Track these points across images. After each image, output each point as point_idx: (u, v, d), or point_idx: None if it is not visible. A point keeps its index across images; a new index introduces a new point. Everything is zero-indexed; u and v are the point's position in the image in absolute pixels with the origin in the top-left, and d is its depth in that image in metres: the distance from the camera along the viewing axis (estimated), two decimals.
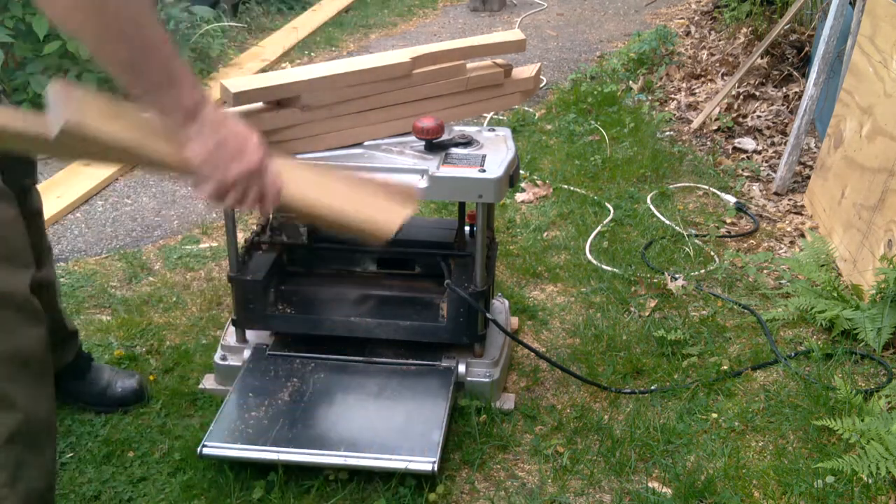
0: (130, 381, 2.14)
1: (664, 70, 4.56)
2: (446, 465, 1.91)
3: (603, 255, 2.82)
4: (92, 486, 1.87)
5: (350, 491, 1.83)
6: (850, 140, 2.86)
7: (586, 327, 2.42)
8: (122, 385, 2.12)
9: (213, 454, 1.83)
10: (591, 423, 2.05)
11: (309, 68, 1.95)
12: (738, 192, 3.27)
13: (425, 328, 2.07)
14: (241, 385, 2.02)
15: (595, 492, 1.86)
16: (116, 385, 2.12)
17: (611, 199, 3.20)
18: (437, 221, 2.35)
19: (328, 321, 2.09)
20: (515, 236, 2.97)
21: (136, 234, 3.05)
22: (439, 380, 2.03)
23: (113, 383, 2.12)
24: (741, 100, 4.03)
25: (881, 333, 2.28)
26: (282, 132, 1.92)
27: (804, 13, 4.21)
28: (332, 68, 1.93)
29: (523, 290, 2.64)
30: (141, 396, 2.13)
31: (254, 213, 3.01)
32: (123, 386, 2.12)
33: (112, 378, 2.13)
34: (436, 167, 1.90)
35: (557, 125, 3.92)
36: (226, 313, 2.52)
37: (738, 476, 1.88)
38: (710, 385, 2.17)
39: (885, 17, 2.75)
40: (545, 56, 5.15)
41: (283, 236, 2.13)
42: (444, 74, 2.00)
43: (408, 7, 6.47)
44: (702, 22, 5.37)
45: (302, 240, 2.12)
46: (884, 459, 1.78)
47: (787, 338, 2.40)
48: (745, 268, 2.73)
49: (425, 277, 2.20)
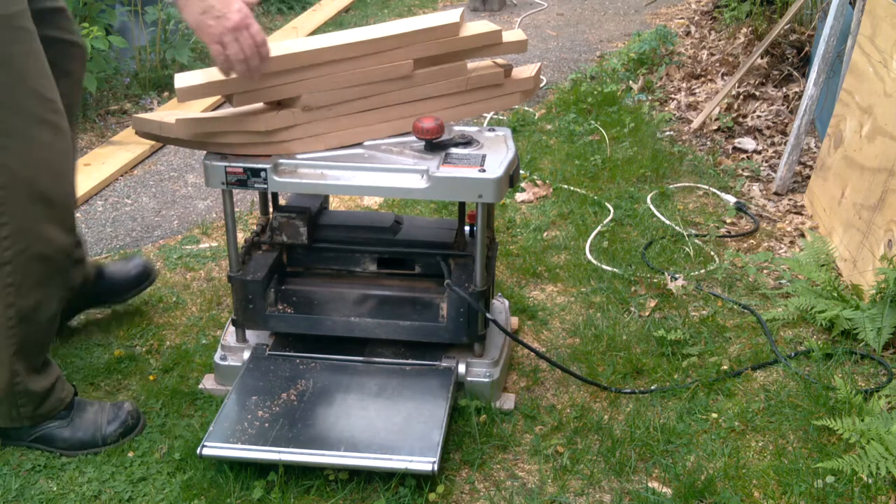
0: (134, 262, 2.35)
1: (664, 70, 4.56)
2: (446, 465, 1.91)
3: (603, 255, 2.82)
4: (92, 485, 1.87)
5: (350, 491, 1.84)
6: (850, 140, 2.86)
7: (586, 327, 2.43)
8: (127, 268, 2.35)
9: (213, 454, 1.83)
10: (591, 423, 2.05)
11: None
12: (738, 192, 3.27)
13: (425, 328, 2.08)
14: (241, 385, 2.02)
15: (595, 492, 1.86)
16: (127, 271, 2.36)
17: (611, 199, 3.20)
18: (437, 221, 2.35)
19: (328, 321, 2.09)
20: (515, 236, 2.97)
21: (136, 234, 3.05)
22: (439, 380, 2.03)
23: (120, 271, 2.37)
24: (741, 100, 4.03)
25: (881, 333, 2.28)
26: (282, 132, 1.92)
27: (804, 13, 4.21)
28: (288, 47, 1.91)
29: (523, 290, 2.64)
30: (149, 272, 2.31)
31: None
32: (128, 269, 2.35)
33: (118, 268, 2.36)
34: (436, 167, 1.90)
35: (557, 125, 3.92)
36: (226, 313, 2.52)
37: (738, 476, 1.88)
38: (710, 385, 2.17)
39: (885, 17, 2.75)
40: (545, 56, 5.15)
41: (283, 236, 2.13)
42: (445, 74, 2.01)
43: (408, 7, 6.47)
44: (702, 22, 5.37)
45: (302, 240, 2.12)
46: (884, 459, 1.78)
47: (787, 338, 2.40)
48: (745, 268, 2.74)
49: (425, 277, 2.20)
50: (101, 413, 1.99)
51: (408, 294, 2.19)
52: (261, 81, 1.85)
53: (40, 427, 1.95)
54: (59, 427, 1.95)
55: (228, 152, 1.94)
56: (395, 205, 3.20)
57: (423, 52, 1.96)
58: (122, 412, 2.00)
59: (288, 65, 1.86)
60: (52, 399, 1.94)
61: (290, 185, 1.93)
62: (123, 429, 1.99)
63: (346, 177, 1.92)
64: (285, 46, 1.90)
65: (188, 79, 1.86)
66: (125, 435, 1.99)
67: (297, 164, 1.94)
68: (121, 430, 1.98)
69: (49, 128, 1.75)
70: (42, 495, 1.85)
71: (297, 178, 1.93)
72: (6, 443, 1.98)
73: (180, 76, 1.87)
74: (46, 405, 1.93)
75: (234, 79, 1.84)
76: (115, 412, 2.00)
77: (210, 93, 1.87)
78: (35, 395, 1.90)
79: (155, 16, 4.37)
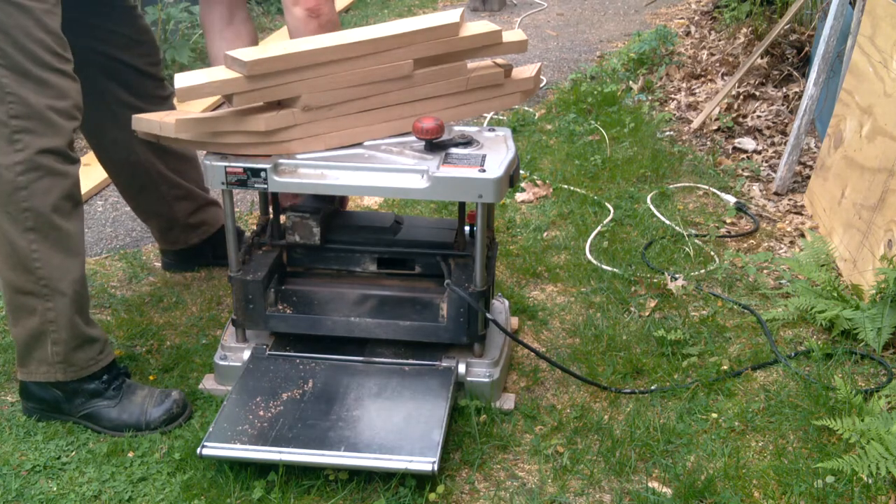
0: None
1: (664, 70, 4.56)
2: (446, 465, 1.91)
3: (603, 255, 2.82)
4: (92, 485, 1.87)
5: (350, 491, 1.84)
6: (850, 140, 2.86)
7: (586, 327, 2.43)
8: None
9: (213, 454, 1.83)
10: (591, 423, 2.05)
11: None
12: (738, 192, 3.27)
13: (425, 328, 2.08)
14: (241, 385, 2.02)
15: (595, 492, 1.86)
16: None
17: (611, 199, 3.20)
18: (437, 221, 2.35)
19: (328, 321, 2.10)
20: (515, 236, 2.97)
21: (136, 234, 3.05)
22: (439, 380, 2.03)
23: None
24: (741, 100, 4.03)
25: (881, 333, 2.28)
26: (282, 132, 1.92)
27: (804, 13, 4.21)
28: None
29: (523, 290, 2.64)
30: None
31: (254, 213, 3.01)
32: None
33: None
34: (436, 167, 1.90)
35: (557, 125, 3.92)
36: (226, 313, 2.52)
37: (738, 476, 1.88)
38: (710, 385, 2.17)
39: (885, 17, 2.75)
40: (545, 56, 5.15)
41: (296, 236, 2.12)
42: (445, 74, 2.01)
43: (408, 7, 6.47)
44: (702, 22, 5.37)
45: (315, 240, 2.12)
46: (884, 459, 1.78)
47: (787, 338, 2.40)
48: (745, 268, 2.74)
49: (425, 277, 2.20)
50: (150, 398, 2.05)
51: (408, 294, 2.19)
52: (261, 81, 1.85)
53: (90, 404, 2.02)
54: (107, 407, 2.02)
55: (228, 152, 1.94)
56: (395, 205, 3.20)
57: (424, 52, 1.96)
58: (169, 400, 2.05)
59: (288, 65, 1.86)
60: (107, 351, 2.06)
61: (290, 185, 1.93)
62: (168, 416, 2.03)
63: (346, 177, 1.92)
64: (285, 46, 1.90)
65: (188, 79, 1.86)
66: (169, 422, 2.04)
67: (297, 164, 1.94)
68: (165, 416, 2.03)
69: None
70: (42, 495, 1.85)
71: (297, 178, 1.93)
72: (55, 417, 2.05)
73: (180, 76, 1.88)
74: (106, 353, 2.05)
75: (235, 79, 1.84)
76: (162, 398, 2.05)
77: (210, 93, 1.87)
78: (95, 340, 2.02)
79: (155, 16, 4.36)
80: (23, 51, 1.80)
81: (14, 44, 1.79)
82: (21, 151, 1.82)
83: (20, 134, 1.82)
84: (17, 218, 1.86)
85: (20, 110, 1.81)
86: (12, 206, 1.85)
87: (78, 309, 1.96)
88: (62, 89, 1.86)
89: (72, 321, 1.95)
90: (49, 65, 1.83)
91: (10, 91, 1.81)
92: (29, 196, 1.84)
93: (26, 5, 1.79)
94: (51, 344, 1.96)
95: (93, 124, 2.29)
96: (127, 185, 2.53)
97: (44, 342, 1.96)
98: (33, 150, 1.83)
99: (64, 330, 1.95)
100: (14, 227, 1.87)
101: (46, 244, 1.89)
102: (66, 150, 1.89)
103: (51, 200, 1.87)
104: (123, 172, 2.49)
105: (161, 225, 2.64)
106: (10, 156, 1.82)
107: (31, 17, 1.80)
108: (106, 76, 2.29)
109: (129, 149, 2.39)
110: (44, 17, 1.82)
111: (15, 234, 1.87)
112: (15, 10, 1.78)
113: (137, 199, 2.56)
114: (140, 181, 2.50)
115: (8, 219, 1.87)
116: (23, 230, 1.87)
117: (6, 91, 1.80)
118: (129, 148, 2.38)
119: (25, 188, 1.84)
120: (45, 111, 1.83)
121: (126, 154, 2.42)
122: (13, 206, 1.85)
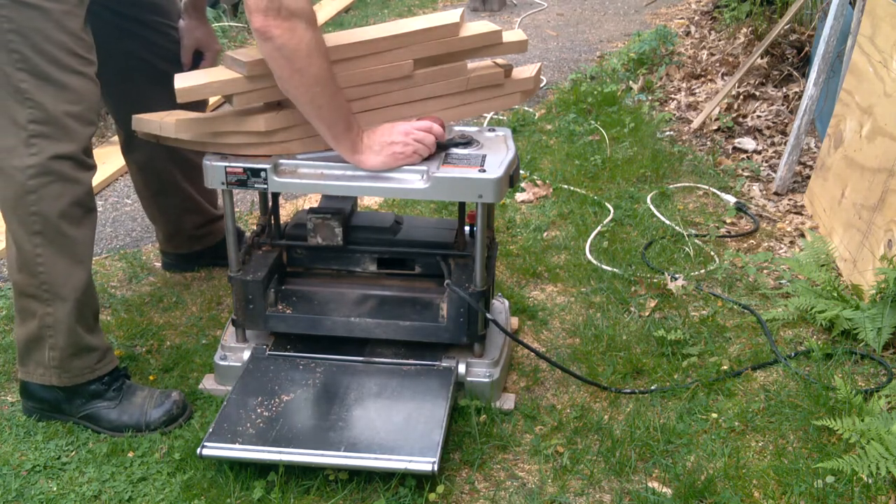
0: None
1: (664, 70, 4.56)
2: (446, 465, 1.91)
3: (603, 255, 2.82)
4: (92, 485, 1.87)
5: (350, 491, 1.84)
6: (850, 140, 2.86)
7: (586, 327, 2.43)
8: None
9: (213, 454, 1.83)
10: (591, 423, 2.05)
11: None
12: (738, 192, 3.27)
13: (425, 328, 2.07)
14: (241, 385, 2.02)
15: (595, 492, 1.86)
16: None
17: (611, 199, 3.20)
18: (437, 221, 2.35)
19: (328, 321, 2.09)
20: (515, 236, 2.97)
21: (136, 234, 3.05)
22: (439, 380, 2.03)
23: None
24: (741, 100, 4.03)
25: (881, 333, 2.28)
26: (282, 132, 1.92)
27: (804, 13, 4.21)
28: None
29: (523, 290, 2.64)
30: None
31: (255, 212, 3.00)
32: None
33: None
34: (436, 167, 1.90)
35: (557, 125, 3.92)
36: (226, 313, 2.52)
37: (738, 476, 1.88)
38: (710, 385, 2.17)
39: (885, 17, 2.75)
40: (545, 56, 5.15)
41: (318, 238, 2.12)
42: (445, 74, 2.01)
43: (408, 7, 6.47)
44: (702, 22, 5.37)
45: (337, 241, 2.11)
46: (884, 459, 1.78)
47: (787, 338, 2.40)
48: (745, 268, 2.74)
49: (425, 277, 2.20)
50: (150, 399, 2.05)
51: (408, 294, 2.19)
52: (261, 81, 1.85)
53: (90, 405, 2.02)
54: (107, 408, 2.03)
55: (228, 152, 1.94)
56: (395, 205, 3.20)
57: (424, 52, 1.96)
58: (169, 401, 2.04)
59: None
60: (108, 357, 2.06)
61: (290, 185, 1.93)
62: (168, 417, 2.03)
63: (346, 177, 1.92)
64: None
65: (188, 79, 1.87)
66: (169, 423, 2.04)
67: (297, 164, 1.94)
68: (165, 417, 2.03)
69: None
70: (42, 495, 1.85)
71: (297, 178, 1.93)
72: (55, 417, 2.05)
73: (180, 76, 1.88)
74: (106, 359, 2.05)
75: (235, 79, 1.84)
76: (161, 399, 2.05)
77: (210, 93, 1.87)
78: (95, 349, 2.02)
79: None
80: (42, 54, 1.79)
81: (33, 47, 1.78)
82: (35, 156, 1.82)
83: (36, 138, 1.82)
84: (25, 221, 1.86)
85: (38, 115, 1.81)
86: (21, 210, 1.85)
87: (79, 316, 1.96)
88: (81, 93, 1.85)
89: (71, 328, 1.95)
90: (69, 67, 1.83)
91: (30, 97, 1.80)
92: (38, 200, 1.84)
93: (45, 7, 1.78)
94: (48, 348, 1.96)
95: (129, 122, 2.28)
96: (144, 185, 2.55)
97: (41, 346, 1.96)
98: (47, 155, 1.82)
99: (62, 336, 1.94)
100: (22, 229, 1.87)
101: (52, 249, 1.88)
102: (81, 155, 1.88)
103: (60, 206, 1.86)
104: (143, 173, 2.51)
105: (167, 230, 2.66)
106: (24, 159, 1.82)
107: (51, 19, 1.79)
108: (151, 83, 2.27)
109: (152, 154, 2.41)
110: (63, 19, 1.80)
111: (22, 236, 1.88)
112: (34, 13, 1.77)
113: (150, 200, 2.58)
114: (156, 186, 2.52)
115: (17, 221, 1.87)
116: (30, 234, 1.87)
117: (26, 96, 1.80)
118: (153, 153, 2.40)
119: (35, 192, 1.84)
120: (62, 117, 1.83)
121: (148, 158, 2.44)
122: (22, 209, 1.85)
